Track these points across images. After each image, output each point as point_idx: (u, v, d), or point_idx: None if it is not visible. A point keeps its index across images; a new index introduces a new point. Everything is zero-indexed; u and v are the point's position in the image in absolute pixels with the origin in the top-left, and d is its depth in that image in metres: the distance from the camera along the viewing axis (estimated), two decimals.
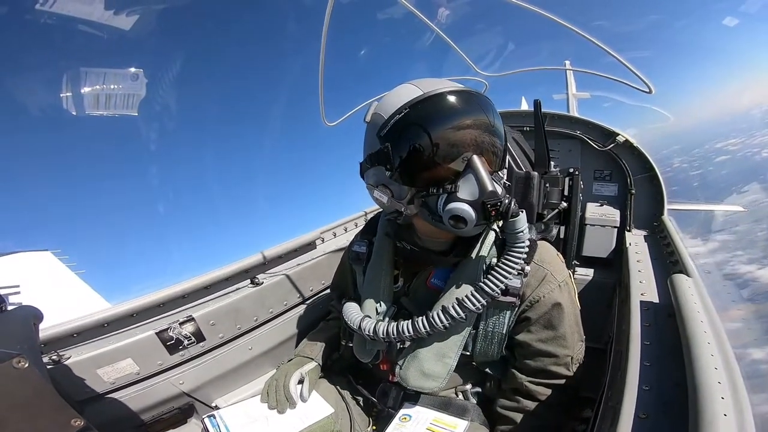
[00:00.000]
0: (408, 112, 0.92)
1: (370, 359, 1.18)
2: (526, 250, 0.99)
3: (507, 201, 0.90)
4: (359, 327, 1.12)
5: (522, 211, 0.94)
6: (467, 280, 1.06)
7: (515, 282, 1.01)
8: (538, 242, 1.13)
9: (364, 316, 1.16)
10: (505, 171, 1.08)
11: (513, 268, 0.98)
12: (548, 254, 1.13)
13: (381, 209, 1.18)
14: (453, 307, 1.00)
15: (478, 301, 0.99)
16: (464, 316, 1.00)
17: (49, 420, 0.76)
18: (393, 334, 1.05)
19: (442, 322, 1.00)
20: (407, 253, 1.19)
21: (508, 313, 1.07)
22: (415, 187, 0.97)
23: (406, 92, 0.97)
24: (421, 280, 1.19)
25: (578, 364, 1.12)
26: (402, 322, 1.05)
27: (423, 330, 1.02)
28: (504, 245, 1.03)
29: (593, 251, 2.30)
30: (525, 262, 1.01)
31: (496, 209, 0.89)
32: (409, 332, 1.03)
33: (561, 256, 1.21)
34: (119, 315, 1.44)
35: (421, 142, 0.91)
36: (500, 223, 1.00)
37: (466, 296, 1.00)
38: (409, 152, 0.93)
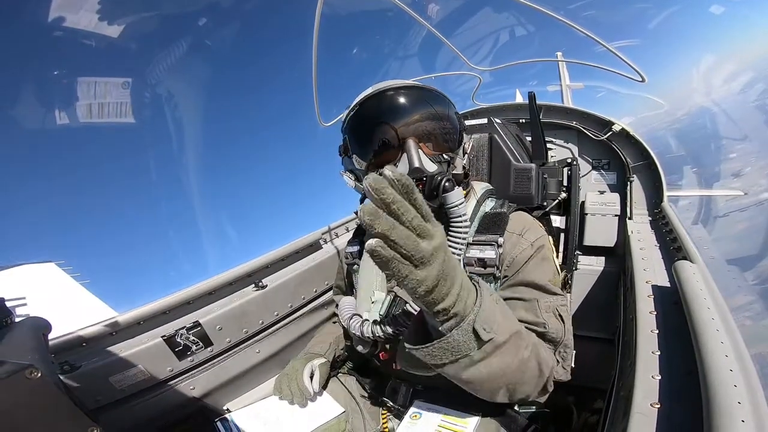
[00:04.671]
0: (358, 108, 1.09)
1: (368, 349, 1.20)
2: (466, 223, 1.07)
3: (439, 178, 1.00)
4: (348, 326, 1.19)
5: (457, 187, 1.04)
6: None
7: (491, 254, 1.08)
8: (513, 213, 1.21)
9: (353, 314, 1.21)
10: (460, 153, 1.16)
11: (456, 241, 1.06)
12: (521, 222, 1.19)
13: None
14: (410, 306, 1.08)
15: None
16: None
17: (65, 429, 0.76)
18: (378, 333, 1.11)
19: (414, 309, 1.07)
20: None
21: (492, 285, 1.11)
22: (369, 169, 1.10)
23: (362, 94, 1.14)
24: None
25: (555, 315, 1.05)
26: (384, 324, 1.11)
27: (396, 328, 1.08)
28: (484, 220, 1.17)
29: (595, 240, 2.30)
30: (498, 235, 1.10)
31: (422, 183, 1.00)
32: (388, 330, 1.09)
33: (537, 221, 1.27)
34: (126, 323, 1.44)
35: (369, 130, 1.07)
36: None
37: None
38: (361, 139, 1.10)
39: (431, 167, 1.02)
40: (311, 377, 1.29)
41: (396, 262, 0.59)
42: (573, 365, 1.10)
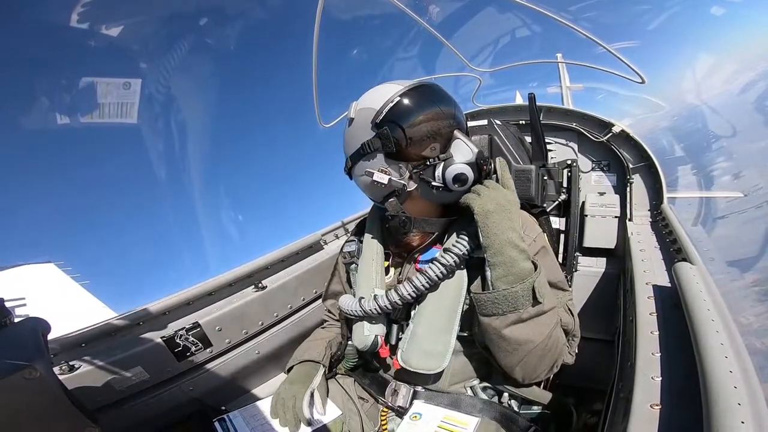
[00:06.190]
0: (400, 99, 1.07)
1: (369, 346, 1.18)
2: None
3: (491, 162, 1.09)
4: (360, 308, 1.15)
5: None
6: None
7: None
8: None
9: (360, 297, 1.19)
10: None
11: None
12: (520, 219, 1.19)
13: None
14: (441, 256, 1.08)
15: (462, 246, 1.06)
16: (453, 262, 1.06)
17: (64, 429, 0.76)
18: (394, 299, 1.10)
19: (434, 270, 1.07)
20: (397, 233, 1.22)
21: None
22: (413, 162, 1.09)
23: (388, 88, 1.11)
24: (411, 265, 1.24)
25: (565, 309, 1.15)
26: (399, 286, 1.11)
27: (420, 283, 1.08)
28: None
29: (595, 242, 2.30)
30: None
31: (486, 165, 1.07)
32: (408, 290, 1.09)
33: (532, 216, 1.30)
34: (126, 323, 1.44)
35: (416, 121, 1.06)
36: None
37: (452, 244, 1.08)
38: (406, 131, 1.06)
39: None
40: (312, 401, 1.23)
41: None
42: (573, 366, 1.15)
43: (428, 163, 1.07)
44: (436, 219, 1.18)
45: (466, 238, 1.07)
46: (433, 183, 1.07)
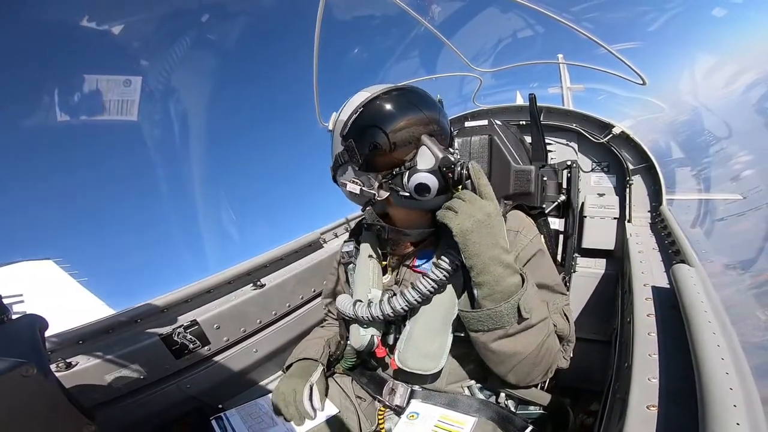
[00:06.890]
0: (363, 110, 1.06)
1: (365, 346, 1.19)
2: None
3: (459, 168, 1.00)
4: (354, 312, 1.16)
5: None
6: None
7: None
8: (510, 212, 1.21)
9: (356, 300, 1.19)
10: (456, 150, 1.17)
11: None
12: (517, 220, 1.20)
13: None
14: (432, 271, 1.07)
15: (450, 261, 1.04)
16: (443, 276, 1.05)
17: (61, 427, 0.76)
18: (387, 311, 1.10)
19: (425, 286, 1.06)
20: (391, 237, 1.22)
21: None
22: (381, 172, 1.07)
23: (358, 97, 1.11)
24: (407, 266, 1.23)
25: (561, 314, 1.14)
26: (392, 299, 1.10)
27: (412, 298, 1.07)
28: None
29: (594, 243, 2.30)
30: None
31: (452, 172, 1.00)
32: (400, 304, 1.08)
33: (530, 218, 1.27)
34: (124, 321, 1.44)
35: (378, 132, 1.03)
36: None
37: (441, 257, 1.06)
38: (370, 142, 1.04)
39: (452, 157, 1.03)
40: (311, 395, 1.22)
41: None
42: (570, 367, 1.15)
43: (394, 172, 1.05)
44: (411, 231, 1.17)
45: (453, 252, 1.05)
46: (401, 192, 1.06)
